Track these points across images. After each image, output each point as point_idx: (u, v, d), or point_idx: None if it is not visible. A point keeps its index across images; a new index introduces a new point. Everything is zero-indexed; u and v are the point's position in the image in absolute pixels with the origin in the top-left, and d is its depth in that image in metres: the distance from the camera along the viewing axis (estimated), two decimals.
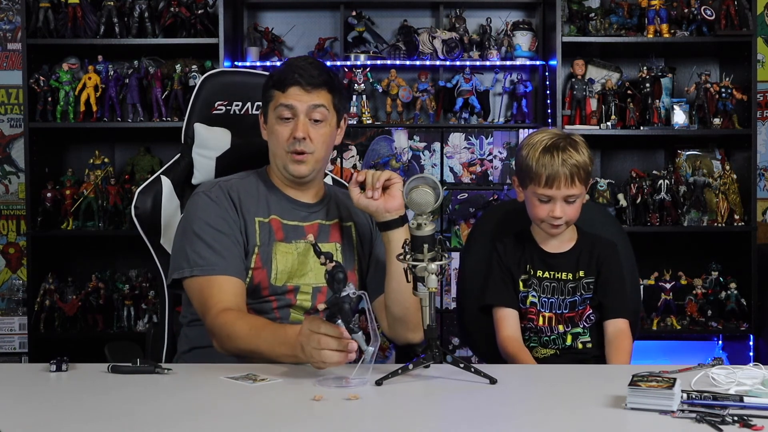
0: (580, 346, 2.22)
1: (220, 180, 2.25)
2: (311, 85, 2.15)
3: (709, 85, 4.06)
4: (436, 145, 4.14)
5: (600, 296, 2.23)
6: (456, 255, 2.76)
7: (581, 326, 2.23)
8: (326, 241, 2.20)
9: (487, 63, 4.19)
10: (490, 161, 4.15)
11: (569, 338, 2.22)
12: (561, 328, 2.22)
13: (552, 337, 2.23)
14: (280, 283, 2.14)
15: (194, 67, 4.07)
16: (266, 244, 2.15)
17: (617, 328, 2.22)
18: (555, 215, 2.18)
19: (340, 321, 1.76)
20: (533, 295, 2.24)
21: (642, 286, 3.59)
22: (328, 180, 2.46)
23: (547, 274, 2.24)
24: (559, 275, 2.24)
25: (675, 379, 1.59)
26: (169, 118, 4.03)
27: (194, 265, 2.08)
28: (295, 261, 2.16)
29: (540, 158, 2.17)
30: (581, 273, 2.24)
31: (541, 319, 2.23)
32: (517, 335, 2.23)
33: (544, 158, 2.16)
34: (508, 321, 2.24)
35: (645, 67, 4.15)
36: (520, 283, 2.26)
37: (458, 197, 4.12)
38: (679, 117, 4.07)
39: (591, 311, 2.24)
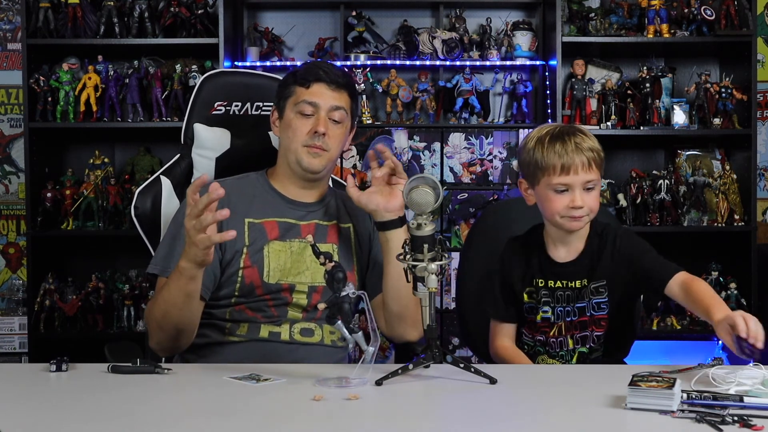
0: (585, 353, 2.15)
1: (217, 181, 2.25)
2: (335, 83, 2.18)
3: (709, 85, 4.06)
4: (436, 145, 4.14)
5: (645, 279, 2.06)
6: (456, 255, 2.76)
7: (587, 347, 2.12)
8: (323, 241, 2.20)
9: (487, 63, 4.19)
10: (490, 161, 4.15)
11: (576, 356, 2.13)
12: (570, 344, 2.12)
13: (560, 353, 2.14)
14: (273, 281, 2.14)
15: (194, 67, 4.07)
16: (256, 243, 2.15)
17: (679, 282, 1.99)
18: (576, 205, 2.03)
19: (340, 321, 1.76)
20: (545, 311, 2.13)
21: None
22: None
23: (559, 284, 2.12)
24: (573, 284, 2.11)
25: (675, 379, 1.59)
26: (169, 118, 4.03)
27: (157, 263, 2.14)
28: (289, 259, 2.16)
29: (551, 147, 2.05)
30: (594, 278, 2.09)
31: (555, 329, 2.12)
32: (511, 344, 2.18)
33: (555, 146, 2.04)
34: (502, 332, 2.19)
35: (645, 67, 4.15)
36: (525, 296, 2.16)
37: (458, 197, 4.12)
38: (679, 117, 4.08)
39: (601, 331, 2.11)
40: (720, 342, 4.16)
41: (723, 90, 4.02)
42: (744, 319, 1.76)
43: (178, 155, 2.42)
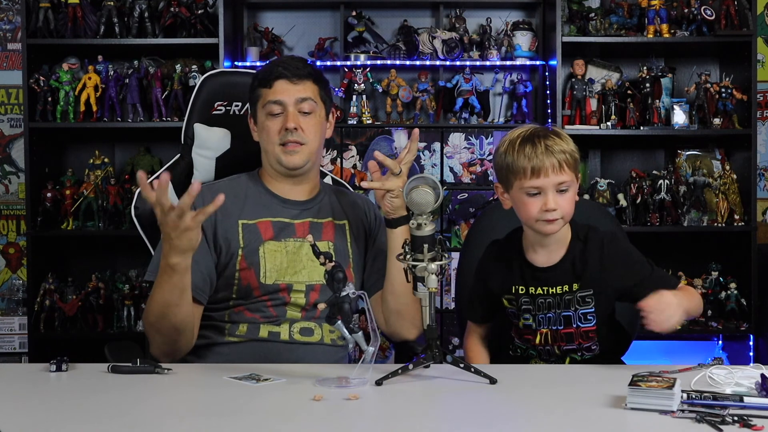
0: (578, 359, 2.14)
1: (207, 183, 2.25)
2: (297, 76, 2.18)
3: (709, 85, 4.06)
4: (436, 145, 4.14)
5: (639, 294, 1.99)
6: (456, 255, 2.76)
7: (579, 355, 2.09)
8: (318, 238, 2.20)
9: (487, 63, 4.19)
10: (490, 161, 4.15)
11: (567, 360, 2.10)
12: (558, 352, 2.09)
13: (551, 360, 2.11)
14: (270, 281, 2.14)
15: (194, 67, 4.07)
16: (251, 245, 2.15)
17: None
18: (548, 207, 1.98)
19: (340, 321, 1.77)
20: (525, 318, 2.09)
21: None
22: (328, 180, 2.47)
23: (540, 291, 2.08)
24: (554, 290, 2.07)
25: (675, 379, 1.60)
26: (169, 118, 4.03)
27: (154, 270, 2.11)
28: (285, 259, 2.16)
29: (521, 150, 2.00)
30: (576, 286, 2.06)
31: (538, 337, 2.09)
32: (476, 343, 2.20)
33: (525, 149, 2.00)
34: (473, 331, 2.22)
35: (645, 67, 4.15)
36: (505, 301, 2.12)
37: (458, 197, 4.12)
38: (679, 117, 4.07)
39: (590, 343, 2.08)
40: (720, 342, 4.18)
41: (723, 90, 4.02)
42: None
43: (178, 155, 2.43)
